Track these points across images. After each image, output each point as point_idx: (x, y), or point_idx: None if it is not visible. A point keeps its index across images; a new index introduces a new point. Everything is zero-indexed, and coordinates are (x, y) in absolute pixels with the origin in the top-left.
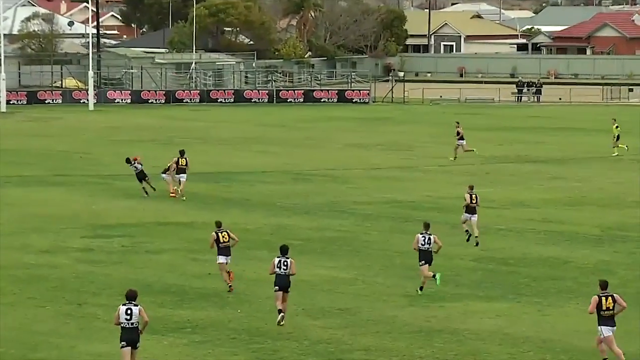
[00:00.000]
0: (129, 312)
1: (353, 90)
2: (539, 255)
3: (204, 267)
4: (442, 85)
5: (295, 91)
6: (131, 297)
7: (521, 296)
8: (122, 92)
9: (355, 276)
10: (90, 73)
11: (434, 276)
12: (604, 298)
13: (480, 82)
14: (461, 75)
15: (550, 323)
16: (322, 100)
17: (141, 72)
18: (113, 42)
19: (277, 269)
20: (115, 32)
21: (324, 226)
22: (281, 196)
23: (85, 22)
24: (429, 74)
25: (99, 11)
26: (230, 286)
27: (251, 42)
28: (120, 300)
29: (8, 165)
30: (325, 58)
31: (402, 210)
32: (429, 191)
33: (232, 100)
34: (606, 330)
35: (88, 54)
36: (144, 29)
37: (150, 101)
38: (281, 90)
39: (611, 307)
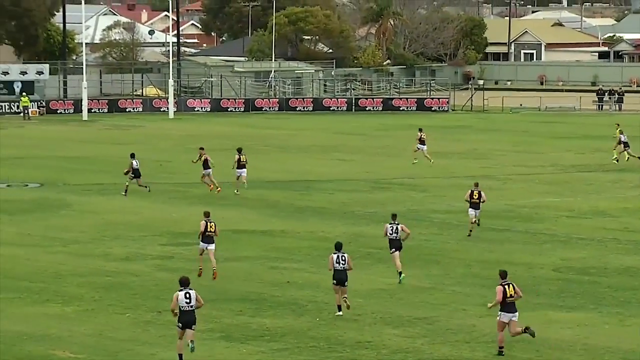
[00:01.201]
0: (187, 295)
1: (432, 99)
2: (619, 264)
3: (282, 274)
4: (522, 93)
5: (374, 99)
6: (186, 283)
7: (602, 306)
8: (202, 100)
9: (434, 285)
10: (171, 81)
11: (400, 273)
12: (506, 286)
13: (561, 90)
14: (541, 84)
15: (631, 334)
16: (401, 108)
17: (221, 81)
18: (193, 50)
19: (337, 265)
20: (195, 40)
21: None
22: (359, 204)
23: (165, 30)
24: (508, 82)
25: (180, 20)
26: (199, 274)
27: (330, 51)
28: (202, 309)
29: (89, 173)
30: (405, 66)
31: (481, 219)
32: (508, 200)
33: (311, 108)
34: (505, 316)
35: (168, 63)
36: (224, 38)
37: (229, 109)
38: (360, 98)
39: (513, 294)
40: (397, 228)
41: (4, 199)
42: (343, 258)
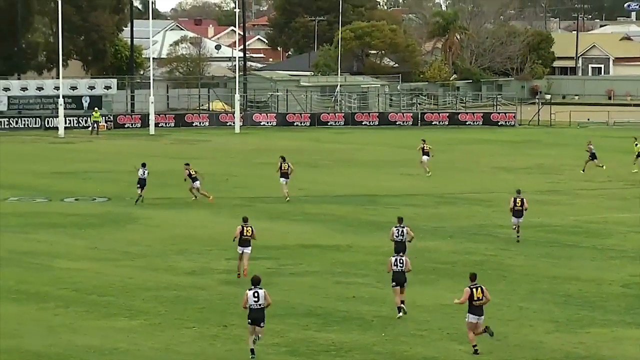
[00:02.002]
0: (256, 294)
1: (499, 113)
2: None
3: (348, 289)
4: (590, 107)
5: (440, 114)
6: (257, 282)
7: None
8: (268, 114)
9: (501, 301)
10: (237, 96)
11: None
12: (474, 289)
13: (630, 105)
14: (610, 98)
15: None
16: (467, 123)
17: (286, 95)
18: (259, 65)
19: (394, 267)
20: (262, 55)
21: (469, 250)
22: (425, 219)
23: (232, 45)
24: (576, 97)
25: (246, 35)
26: (238, 274)
27: (396, 65)
28: (268, 324)
29: (156, 187)
30: (471, 81)
31: (548, 234)
32: (577, 215)
33: (376, 123)
34: (472, 318)
35: (235, 77)
36: (290, 52)
37: (295, 124)
38: (426, 112)
39: (480, 298)
40: (403, 231)
41: (73, 213)
42: (401, 261)
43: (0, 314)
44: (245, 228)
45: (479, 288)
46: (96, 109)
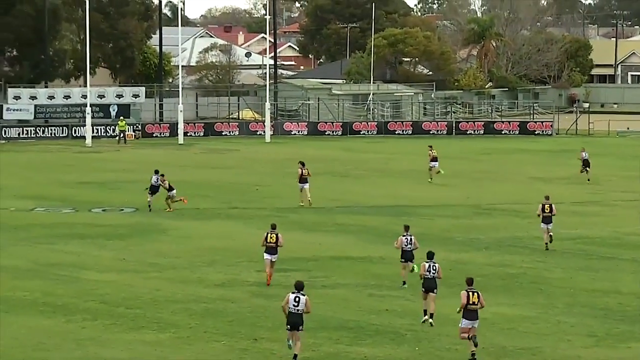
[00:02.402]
0: (296, 299)
1: (535, 122)
2: None
3: (381, 302)
4: (629, 116)
5: (475, 123)
6: (299, 287)
7: None
8: (299, 123)
9: (538, 314)
10: (267, 104)
11: (412, 270)
12: (470, 293)
13: None
14: None
15: None
16: (503, 132)
17: (318, 104)
18: (290, 73)
19: (427, 273)
20: (292, 63)
21: (505, 262)
22: (460, 230)
23: (262, 53)
24: (615, 105)
25: (277, 42)
26: (268, 280)
27: (430, 73)
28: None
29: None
30: (507, 89)
31: (586, 246)
32: (615, 227)
33: (410, 131)
34: (466, 323)
35: (265, 85)
36: (321, 60)
37: (326, 133)
38: (461, 121)
39: (475, 302)
40: (411, 239)
41: (100, 223)
42: (434, 267)
43: (27, 327)
44: (270, 235)
45: (475, 293)
46: (122, 118)
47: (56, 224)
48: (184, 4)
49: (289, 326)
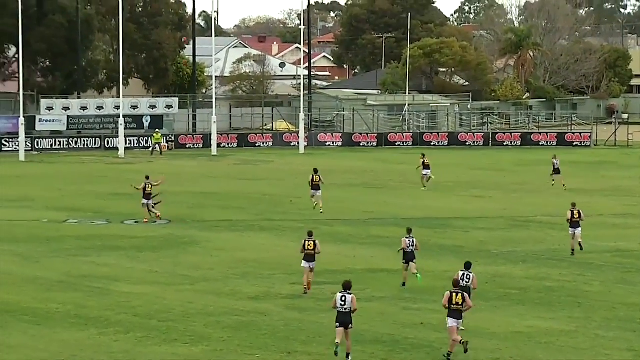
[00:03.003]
0: (343, 298)
1: (573, 133)
2: None
3: (416, 316)
4: None
5: (512, 134)
6: (347, 287)
7: None
8: (333, 134)
9: (576, 328)
10: (302, 115)
11: (416, 275)
12: (454, 294)
13: None
14: None
15: None
16: (540, 143)
17: (352, 114)
18: (324, 83)
19: (461, 281)
20: (327, 73)
21: (542, 275)
22: (497, 243)
23: (296, 63)
24: None
25: (311, 52)
26: (305, 289)
27: (466, 83)
28: (330, 350)
29: (218, 209)
30: (544, 99)
31: (626, 259)
32: None
33: (446, 143)
34: (451, 322)
35: (299, 96)
36: (356, 70)
37: (361, 144)
38: (497, 132)
39: (460, 303)
40: (413, 241)
41: (133, 235)
42: (468, 276)
43: (59, 340)
44: (307, 242)
45: (460, 294)
46: (157, 130)
47: (89, 235)
48: (217, 14)
49: (338, 324)
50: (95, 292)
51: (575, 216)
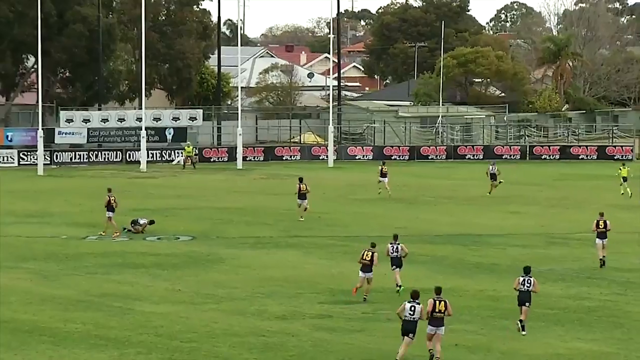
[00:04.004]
0: (412, 308)
1: (615, 146)
2: None
3: (450, 337)
4: None
5: (551, 147)
6: (415, 296)
7: None
8: (364, 147)
9: (617, 350)
10: (331, 127)
11: (399, 286)
12: (437, 302)
13: None
14: None
15: None
16: (580, 156)
17: (384, 127)
18: (354, 94)
19: (521, 286)
20: (357, 84)
21: (581, 295)
22: (534, 261)
23: (325, 73)
24: None
25: (341, 62)
26: (365, 297)
27: (502, 94)
28: None
29: (243, 226)
30: (584, 111)
31: None
32: None
33: (481, 156)
34: (431, 329)
35: (328, 108)
36: (388, 81)
37: (393, 157)
38: (535, 146)
39: (442, 311)
40: (397, 247)
41: (155, 252)
42: (529, 281)
43: None
44: (365, 253)
45: (442, 302)
46: (188, 143)
47: (109, 252)
48: (243, 22)
49: (402, 331)
50: (115, 311)
51: (600, 226)
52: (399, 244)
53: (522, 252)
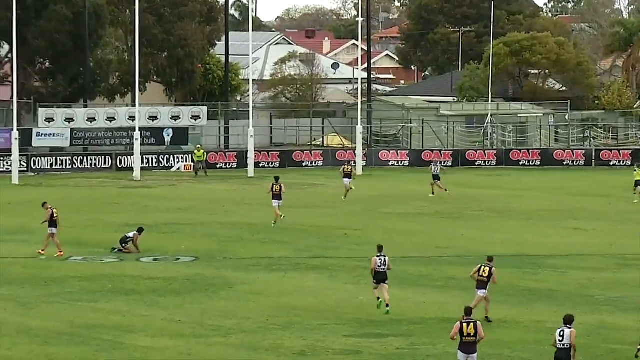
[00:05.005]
0: (562, 333)
1: None
2: None
3: None
4: None
5: (621, 151)
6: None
7: None
8: (398, 152)
9: None
10: (359, 128)
11: (386, 305)
12: (465, 324)
13: None
14: None
15: None
16: None
17: (422, 127)
18: (388, 89)
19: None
20: (391, 76)
21: None
22: (602, 286)
23: (353, 64)
24: None
25: (372, 50)
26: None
27: (563, 88)
28: None
29: (256, 244)
30: None
31: None
32: None
33: (538, 162)
34: (462, 356)
35: (356, 105)
36: (427, 72)
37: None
38: (602, 149)
39: (472, 334)
40: (384, 260)
41: (151, 276)
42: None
43: None
44: (482, 268)
45: (472, 323)
46: (198, 146)
47: (96, 276)
48: (256, 3)
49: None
50: (104, 345)
51: None
52: (385, 256)
53: (588, 277)
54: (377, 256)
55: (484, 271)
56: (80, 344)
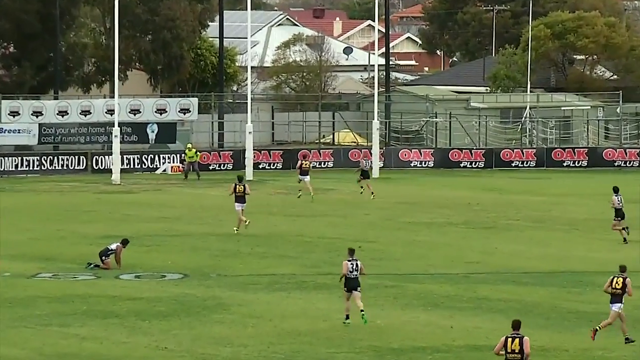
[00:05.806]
0: (518, 342)
1: None
2: None
3: None
4: None
5: None
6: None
7: None
8: (421, 151)
9: None
10: (376, 123)
11: (360, 310)
12: (510, 339)
13: None
14: None
15: None
16: None
17: (449, 122)
18: (409, 77)
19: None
20: (412, 62)
21: None
22: None
23: (368, 48)
24: None
25: (390, 32)
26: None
27: (614, 77)
28: None
29: (255, 259)
30: None
31: None
32: None
33: (584, 163)
34: None
35: (372, 96)
36: (455, 58)
37: (462, 164)
38: None
39: (516, 351)
40: (357, 265)
41: (132, 296)
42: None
43: None
44: (615, 280)
45: (517, 339)
46: (190, 144)
47: (68, 296)
48: None
49: None
50: None
51: None
52: (357, 259)
53: None
54: (349, 260)
55: (617, 282)
56: None
